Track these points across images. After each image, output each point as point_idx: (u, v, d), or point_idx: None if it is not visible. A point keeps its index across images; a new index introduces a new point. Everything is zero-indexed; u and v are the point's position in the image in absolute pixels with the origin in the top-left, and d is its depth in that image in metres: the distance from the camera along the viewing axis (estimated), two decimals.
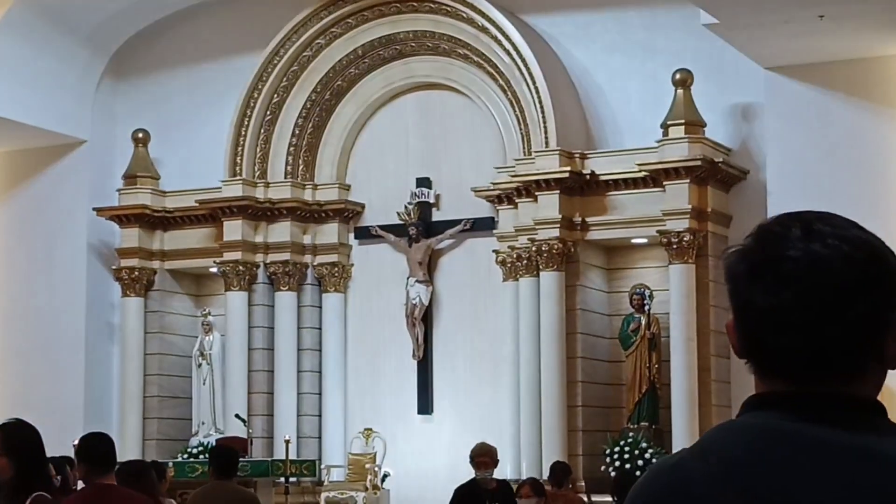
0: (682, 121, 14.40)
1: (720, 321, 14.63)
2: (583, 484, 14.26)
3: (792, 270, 1.63)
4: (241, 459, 10.22)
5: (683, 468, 1.64)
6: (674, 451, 14.18)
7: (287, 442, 14.42)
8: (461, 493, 9.13)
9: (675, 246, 14.30)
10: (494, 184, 15.44)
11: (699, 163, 14.22)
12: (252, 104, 16.62)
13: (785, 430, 1.61)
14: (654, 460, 14.21)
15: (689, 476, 1.63)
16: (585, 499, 12.92)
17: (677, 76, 14.52)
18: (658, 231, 14.42)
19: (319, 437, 16.63)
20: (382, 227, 16.62)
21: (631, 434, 14.53)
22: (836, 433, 1.59)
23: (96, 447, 5.87)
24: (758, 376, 1.69)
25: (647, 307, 14.75)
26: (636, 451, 14.31)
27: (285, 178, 16.80)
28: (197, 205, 16.67)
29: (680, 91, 14.49)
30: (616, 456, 14.37)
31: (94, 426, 16.63)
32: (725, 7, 12.67)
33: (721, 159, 14.56)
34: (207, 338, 16.81)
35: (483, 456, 9.22)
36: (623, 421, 14.89)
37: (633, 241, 15.08)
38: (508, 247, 15.31)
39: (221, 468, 8.40)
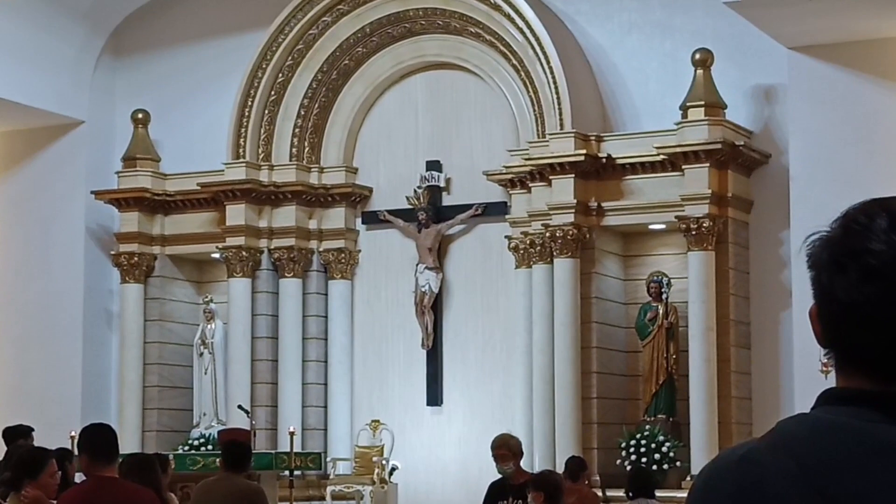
0: (702, 102, 14.41)
1: (740, 310, 14.65)
2: (598, 479, 14.29)
3: (875, 265, 1.61)
4: None
5: (755, 462, 1.61)
6: (692, 444, 14.22)
7: (291, 434, 14.48)
8: (491, 488, 9.16)
9: (694, 232, 14.32)
10: (507, 167, 15.46)
11: (719, 146, 14.23)
12: (256, 84, 16.65)
13: (863, 430, 1.59)
14: (671, 454, 14.26)
15: (762, 471, 1.60)
16: (600, 494, 12.95)
17: (697, 56, 14.51)
18: (676, 217, 14.43)
19: (325, 429, 16.69)
20: (391, 212, 16.65)
21: (648, 427, 14.57)
22: None
23: (98, 438, 5.92)
24: (838, 369, 1.67)
25: (664, 295, 14.78)
26: (653, 445, 14.36)
27: (290, 160, 16.83)
28: (199, 188, 16.71)
29: (700, 71, 14.49)
30: (632, 449, 14.42)
31: (91, 417, 16.73)
32: None
33: (742, 142, 14.57)
34: (209, 326, 16.86)
35: (500, 448, 9.07)
36: (639, 413, 14.93)
37: (651, 227, 15.10)
38: (521, 233, 15.34)
39: (232, 462, 8.49)
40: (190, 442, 16.49)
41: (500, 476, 9.04)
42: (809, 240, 1.69)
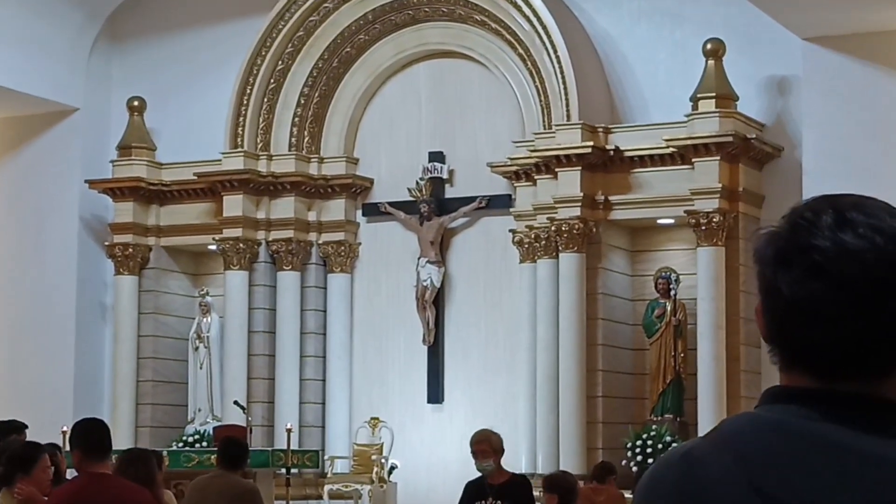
0: (713, 94, 14.34)
1: (750, 308, 14.57)
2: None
3: (820, 262, 1.61)
4: None
5: (696, 459, 1.63)
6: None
7: (289, 431, 14.44)
8: (468, 488, 8.76)
9: (703, 227, 14.26)
10: (512, 159, 15.40)
11: (730, 139, 14.17)
12: (255, 72, 16.60)
13: (804, 429, 1.59)
14: None
15: (702, 468, 1.61)
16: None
17: (708, 46, 14.45)
18: (686, 211, 14.38)
19: (323, 427, 16.65)
20: (392, 204, 16.60)
21: (654, 427, 14.52)
22: (858, 437, 1.57)
23: (90, 434, 5.88)
24: (781, 367, 1.67)
25: (673, 292, 14.73)
26: (659, 445, 14.30)
27: (289, 150, 16.78)
28: (195, 178, 16.67)
29: (711, 62, 14.42)
30: (638, 450, 14.37)
31: (84, 412, 16.66)
32: None
33: (754, 135, 14.50)
34: (205, 319, 16.82)
35: (481, 443, 8.63)
36: (646, 413, 14.88)
37: (659, 221, 15.04)
38: (526, 226, 15.28)
39: (229, 460, 8.47)
40: (184, 438, 16.46)
41: (477, 476, 8.70)
42: (756, 233, 1.70)
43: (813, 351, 1.62)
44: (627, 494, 11.99)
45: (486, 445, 8.57)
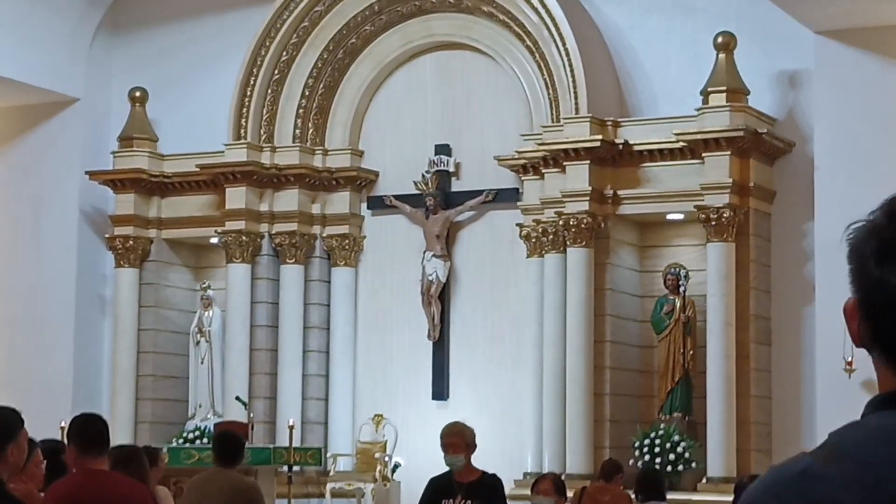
0: (724, 88, 14.36)
1: (761, 305, 14.62)
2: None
3: None
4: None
5: (818, 477, 1.57)
6: (709, 444, 14.19)
7: (291, 427, 14.48)
8: (432, 485, 8.25)
9: (713, 223, 14.28)
10: (519, 152, 15.43)
11: (741, 133, 14.19)
12: (259, 62, 16.63)
13: None
14: (686, 455, 14.24)
15: (826, 484, 1.55)
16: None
17: (719, 39, 14.47)
18: (696, 206, 14.40)
19: (326, 423, 16.70)
20: (397, 197, 16.64)
21: (662, 425, 14.55)
22: None
23: (87, 429, 5.91)
24: (886, 369, 1.63)
25: (682, 288, 14.75)
26: (667, 445, 14.34)
27: (293, 142, 16.82)
28: (197, 170, 16.71)
29: (722, 55, 14.44)
30: (646, 449, 14.40)
31: (82, 406, 16.74)
32: None
33: (765, 130, 14.52)
34: (206, 313, 16.86)
35: (454, 436, 8.09)
36: (654, 411, 14.91)
37: (669, 216, 15.07)
38: (533, 220, 15.32)
39: (222, 456, 8.46)
40: (185, 434, 16.51)
41: (444, 471, 8.19)
42: (851, 228, 1.65)
43: None
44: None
45: (458, 439, 8.11)
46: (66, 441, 6.32)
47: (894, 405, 1.61)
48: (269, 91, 16.79)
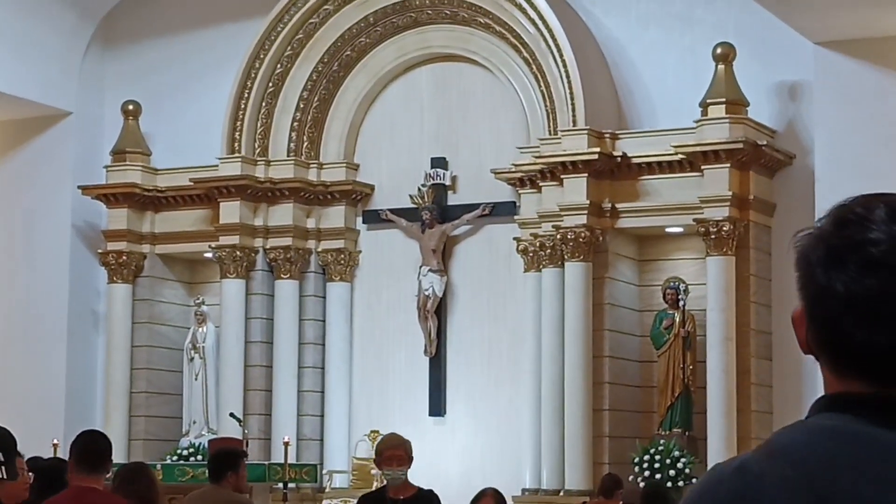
0: (723, 99, 14.38)
1: (761, 319, 14.61)
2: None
3: (877, 255, 1.60)
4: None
5: (752, 472, 1.61)
6: (709, 460, 14.18)
7: (286, 444, 14.46)
8: (364, 503, 8.02)
9: (713, 236, 14.28)
10: (516, 165, 15.44)
11: (741, 145, 14.20)
12: (253, 75, 16.64)
13: (870, 435, 1.59)
14: (686, 470, 14.22)
15: (760, 481, 1.60)
16: None
17: (718, 50, 14.49)
18: (695, 219, 14.40)
19: (321, 440, 16.68)
20: (393, 211, 16.64)
21: (662, 441, 14.53)
22: None
23: (84, 446, 5.92)
24: (831, 374, 1.66)
25: (681, 303, 14.75)
26: (668, 461, 14.32)
27: (288, 156, 16.82)
28: (191, 184, 16.71)
29: (721, 67, 14.46)
30: (645, 465, 14.38)
31: (75, 423, 16.72)
32: None
33: (765, 142, 14.54)
34: (200, 329, 16.85)
35: (397, 448, 7.76)
36: (654, 427, 14.89)
37: (668, 230, 15.07)
38: (531, 234, 15.32)
39: (211, 472, 8.46)
40: (178, 451, 16.48)
41: (375, 489, 7.92)
42: (799, 235, 1.69)
43: (870, 352, 1.61)
44: None
45: (401, 451, 7.81)
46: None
47: (834, 408, 1.64)
48: (264, 104, 16.80)
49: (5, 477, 5.02)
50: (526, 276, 15.44)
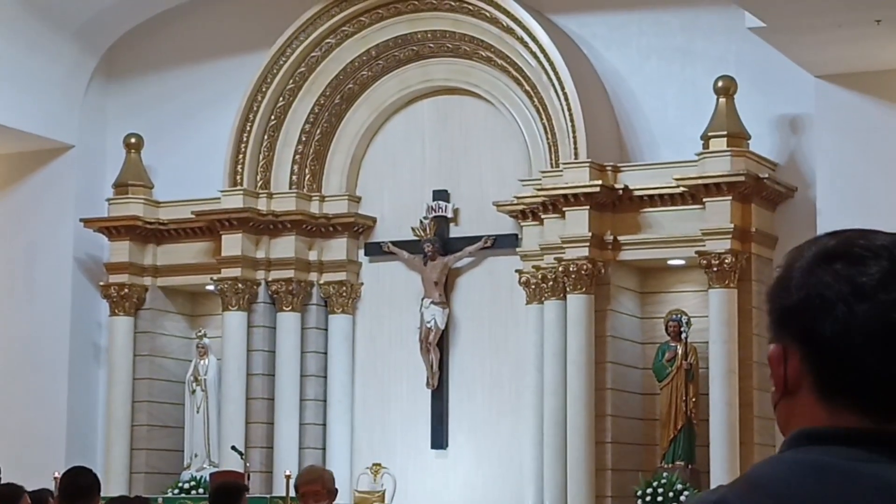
0: (725, 132, 14.45)
1: (764, 351, 14.60)
2: None
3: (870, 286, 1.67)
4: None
5: None
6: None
7: (288, 477, 14.44)
8: None
9: (715, 269, 14.33)
10: (518, 198, 15.49)
11: (742, 178, 14.26)
12: (255, 108, 16.71)
13: (855, 470, 1.62)
14: None
15: None
16: None
17: (719, 83, 14.56)
18: (697, 252, 14.45)
19: None
20: (395, 244, 16.68)
21: (665, 474, 14.54)
22: None
23: (71, 481, 5.99)
24: (824, 408, 1.69)
25: (684, 335, 14.77)
26: (670, 494, 14.32)
27: (290, 188, 16.88)
28: (193, 217, 16.75)
29: (722, 100, 14.53)
30: (648, 498, 14.38)
31: (76, 457, 16.72)
32: (773, 9, 12.73)
33: (766, 175, 14.60)
34: (202, 362, 16.87)
35: (314, 483, 7.33)
36: (656, 460, 14.90)
37: (670, 262, 15.11)
38: (533, 266, 15.35)
39: None
40: (180, 485, 16.47)
41: None
42: (793, 277, 1.73)
43: (887, 386, 1.65)
44: None
45: (319, 486, 7.36)
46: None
47: (813, 441, 1.66)
48: (266, 137, 16.87)
49: None
50: (528, 309, 15.47)
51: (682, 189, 14.54)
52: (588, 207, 14.76)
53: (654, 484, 14.44)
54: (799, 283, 1.72)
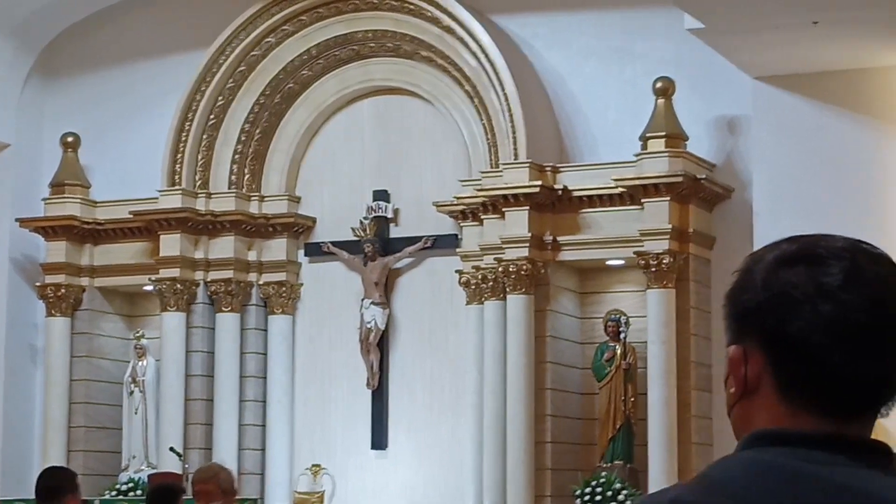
0: (663, 133, 14.54)
1: (701, 351, 14.74)
2: None
3: (876, 290, 1.69)
4: None
5: None
6: (650, 492, 14.26)
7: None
8: None
9: (653, 269, 14.41)
10: (458, 198, 15.51)
11: (681, 179, 14.36)
12: (194, 107, 16.63)
13: (813, 473, 1.63)
14: (628, 503, 14.29)
15: None
16: None
17: (658, 85, 14.65)
18: (635, 252, 14.53)
19: (262, 474, 16.61)
20: (335, 244, 16.65)
21: (604, 474, 14.60)
22: (867, 480, 1.63)
23: (41, 482, 6.01)
24: (785, 409, 1.70)
25: (622, 335, 14.85)
26: (609, 493, 14.39)
27: (229, 188, 16.80)
28: (131, 217, 16.64)
29: (661, 101, 14.62)
30: (587, 498, 14.45)
31: (12, 459, 16.60)
32: (711, 11, 12.81)
33: (704, 175, 14.70)
34: (140, 363, 16.76)
35: (208, 482, 7.06)
36: (595, 459, 14.96)
37: (609, 262, 15.18)
38: (473, 267, 15.38)
39: None
40: (118, 487, 16.37)
41: None
42: (760, 268, 1.76)
43: (853, 385, 1.67)
44: None
45: (213, 485, 7.07)
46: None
47: (772, 442, 1.67)
48: (205, 136, 16.79)
49: None
50: (468, 309, 15.49)
51: (620, 190, 14.62)
52: (528, 208, 14.80)
53: (593, 483, 14.51)
54: (762, 285, 1.73)
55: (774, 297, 1.71)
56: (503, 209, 14.94)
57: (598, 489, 14.44)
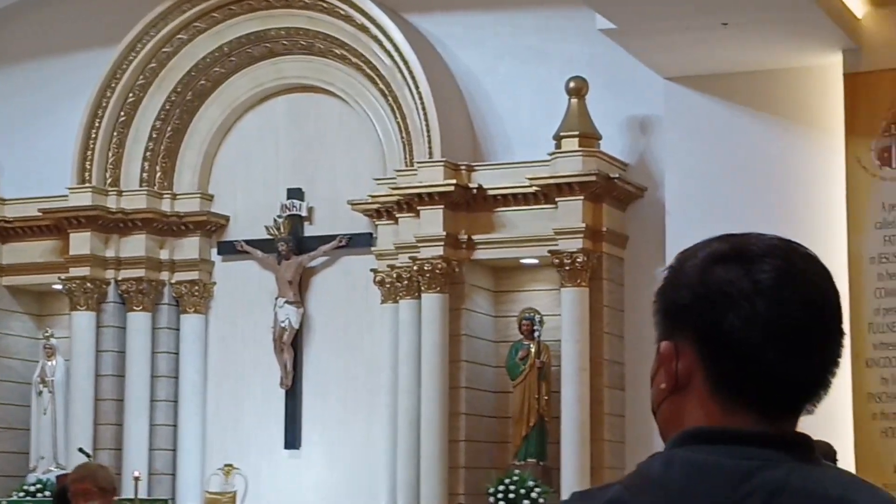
0: (577, 133, 14.63)
1: (614, 350, 14.85)
2: None
3: (813, 289, 1.71)
4: None
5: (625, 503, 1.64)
6: (563, 490, 14.34)
7: (137, 479, 14.29)
8: None
9: (567, 268, 14.50)
10: (373, 197, 15.50)
11: (594, 178, 14.45)
12: (104, 104, 16.46)
13: (745, 471, 1.63)
14: (541, 500, 14.36)
15: None
16: None
17: (571, 84, 14.74)
18: (549, 251, 14.61)
19: (173, 474, 16.49)
20: (248, 243, 16.57)
21: (517, 472, 14.66)
22: (806, 477, 1.65)
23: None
24: (719, 407, 1.70)
25: (536, 334, 14.92)
26: (521, 490, 14.45)
27: (140, 186, 16.65)
28: (40, 214, 16.45)
29: (574, 100, 14.71)
30: (500, 496, 14.49)
31: None
32: (623, 12, 12.92)
33: (617, 175, 14.82)
34: (49, 363, 16.57)
35: (84, 480, 6.67)
36: (509, 457, 15.02)
37: (523, 261, 15.25)
38: (387, 266, 15.37)
39: None
40: (25, 488, 16.17)
41: None
42: (702, 269, 1.73)
43: (785, 383, 1.68)
44: None
45: (89, 484, 6.67)
46: None
47: (704, 440, 1.68)
48: (115, 133, 16.62)
49: None
50: (383, 308, 15.48)
51: (534, 189, 14.69)
52: (442, 207, 14.82)
53: (507, 481, 14.56)
54: (695, 281, 1.72)
55: (710, 294, 1.71)
56: (418, 208, 14.95)
57: (512, 487, 14.49)
